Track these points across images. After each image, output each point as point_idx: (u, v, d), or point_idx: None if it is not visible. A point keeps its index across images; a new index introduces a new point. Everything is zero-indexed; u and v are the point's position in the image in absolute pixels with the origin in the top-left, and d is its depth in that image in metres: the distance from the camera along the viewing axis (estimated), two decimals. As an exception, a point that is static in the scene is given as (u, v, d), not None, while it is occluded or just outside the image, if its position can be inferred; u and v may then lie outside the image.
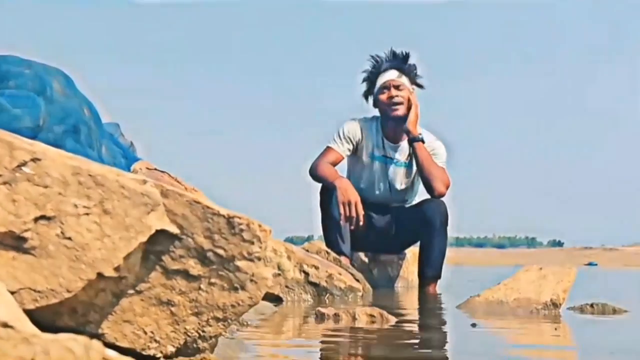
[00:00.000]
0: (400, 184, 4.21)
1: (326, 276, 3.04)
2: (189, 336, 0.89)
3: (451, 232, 4.12)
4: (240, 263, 0.88)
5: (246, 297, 0.89)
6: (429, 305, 3.03)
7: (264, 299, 2.67)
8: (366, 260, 4.39)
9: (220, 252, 0.88)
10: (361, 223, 3.76)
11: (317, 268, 3.05)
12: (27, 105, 3.17)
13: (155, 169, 3.64)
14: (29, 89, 3.28)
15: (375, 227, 4.21)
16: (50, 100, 2.90)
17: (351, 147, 4.16)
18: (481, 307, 2.48)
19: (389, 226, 4.23)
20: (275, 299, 2.77)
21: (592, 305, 2.57)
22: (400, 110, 3.99)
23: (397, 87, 4.00)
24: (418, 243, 4.26)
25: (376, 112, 4.21)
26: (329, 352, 1.38)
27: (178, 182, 3.59)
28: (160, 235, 0.86)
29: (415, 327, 1.94)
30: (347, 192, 3.76)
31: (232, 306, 0.89)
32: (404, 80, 4.02)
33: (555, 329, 1.96)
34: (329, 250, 3.46)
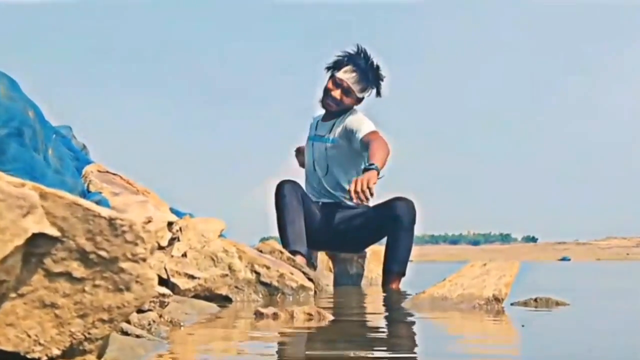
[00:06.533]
0: (330, 161, 4.22)
1: (277, 276, 3.04)
2: (74, 338, 0.89)
3: (428, 230, 4.23)
4: (124, 264, 0.88)
5: (132, 299, 0.89)
6: (379, 302, 3.05)
7: (211, 300, 2.66)
8: (326, 258, 4.40)
9: (103, 253, 0.88)
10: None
11: (268, 268, 3.05)
12: (-30, 108, 3.13)
13: (107, 172, 3.62)
14: (-28, 91, 3.24)
15: (332, 225, 4.23)
16: (-6, 103, 2.87)
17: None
18: (425, 303, 2.50)
19: (349, 225, 4.23)
20: (225, 300, 2.77)
21: (535, 300, 2.61)
22: (330, 108, 4.14)
23: (345, 93, 4.07)
24: (378, 241, 4.32)
25: None
26: (242, 351, 1.38)
27: (130, 183, 3.57)
28: (41, 237, 0.85)
29: (348, 324, 1.95)
30: None
31: (118, 307, 0.89)
32: (356, 87, 4.06)
33: (523, 325, 1.91)
34: (283, 250, 3.46)
